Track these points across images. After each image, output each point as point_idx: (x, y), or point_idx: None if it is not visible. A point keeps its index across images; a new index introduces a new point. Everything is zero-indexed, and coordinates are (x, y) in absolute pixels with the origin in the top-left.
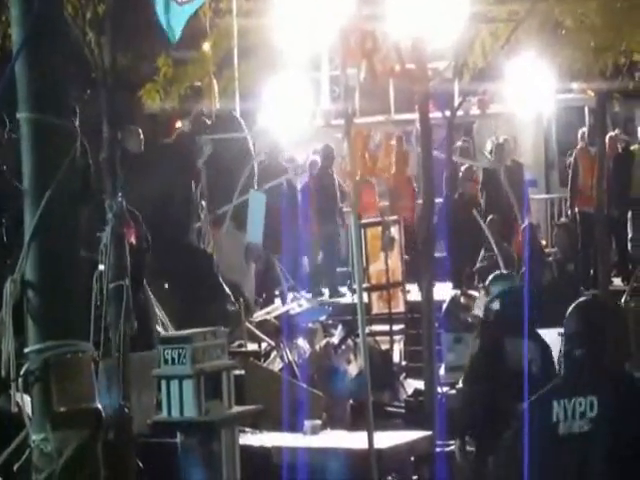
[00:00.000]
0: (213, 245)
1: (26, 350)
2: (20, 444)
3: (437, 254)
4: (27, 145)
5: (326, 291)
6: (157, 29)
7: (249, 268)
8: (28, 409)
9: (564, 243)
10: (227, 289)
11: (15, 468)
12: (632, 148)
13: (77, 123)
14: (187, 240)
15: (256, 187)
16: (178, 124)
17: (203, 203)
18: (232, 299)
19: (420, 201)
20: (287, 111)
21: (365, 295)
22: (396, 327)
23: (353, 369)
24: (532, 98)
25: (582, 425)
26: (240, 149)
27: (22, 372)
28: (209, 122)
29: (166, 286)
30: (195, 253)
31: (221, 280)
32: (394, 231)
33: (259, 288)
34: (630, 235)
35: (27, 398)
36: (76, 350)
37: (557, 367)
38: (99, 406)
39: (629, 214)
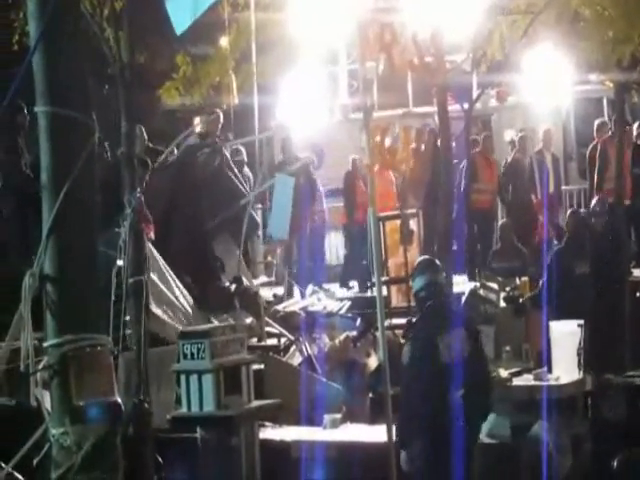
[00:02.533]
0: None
1: (45, 344)
2: (39, 439)
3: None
4: (45, 138)
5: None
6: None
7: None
8: (47, 403)
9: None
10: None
11: (35, 463)
12: None
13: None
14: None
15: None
16: (196, 120)
17: None
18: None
19: None
20: (305, 106)
21: (384, 288)
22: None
23: (372, 362)
24: (550, 90)
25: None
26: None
27: (41, 366)
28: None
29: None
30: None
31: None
32: (413, 224)
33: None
34: None
35: (46, 393)
36: (94, 344)
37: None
38: (118, 399)
39: None
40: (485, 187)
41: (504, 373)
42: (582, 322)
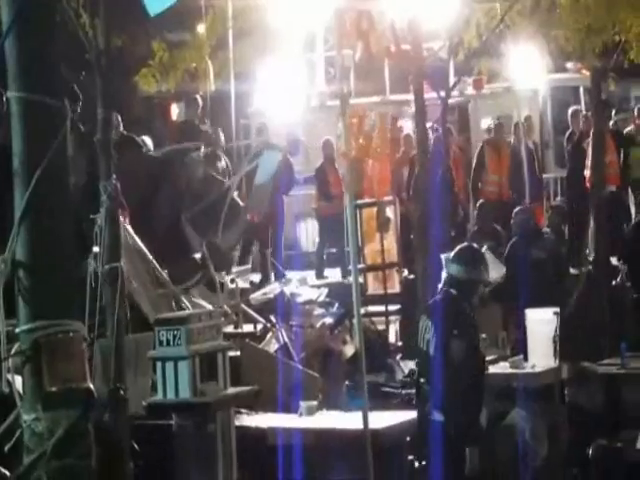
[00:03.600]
0: None
1: (17, 330)
2: (11, 424)
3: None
4: (17, 124)
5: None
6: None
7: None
8: (19, 389)
9: (556, 225)
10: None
11: (6, 449)
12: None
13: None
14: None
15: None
16: (174, 107)
17: None
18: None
19: None
20: (282, 93)
21: (361, 276)
22: (392, 307)
23: (349, 350)
24: (527, 78)
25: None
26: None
27: (13, 352)
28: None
29: None
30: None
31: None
32: (389, 211)
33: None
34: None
35: (18, 378)
36: (67, 330)
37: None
38: (90, 385)
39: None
40: (493, 178)
41: None
42: (558, 310)
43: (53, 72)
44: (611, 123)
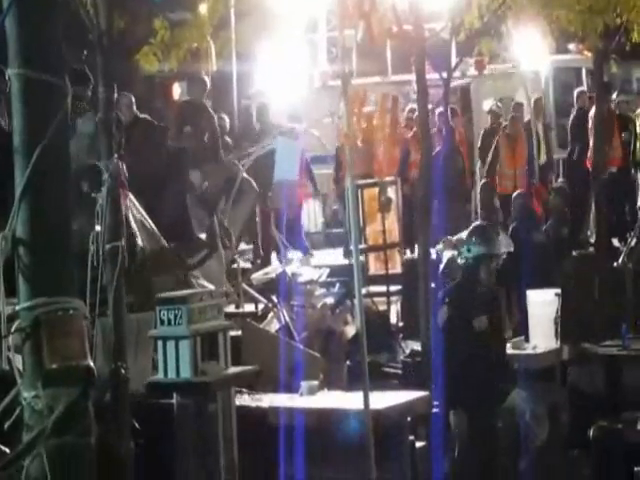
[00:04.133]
0: None
1: (17, 307)
2: (11, 402)
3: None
4: (17, 101)
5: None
6: None
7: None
8: (19, 367)
9: (558, 206)
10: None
11: (6, 426)
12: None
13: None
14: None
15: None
16: (176, 87)
17: None
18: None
19: None
20: (284, 73)
21: (362, 256)
22: (393, 288)
23: (350, 330)
24: (529, 59)
25: None
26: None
27: (13, 329)
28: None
29: None
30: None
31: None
32: (391, 192)
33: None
34: None
35: (18, 356)
36: (67, 307)
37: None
38: (91, 363)
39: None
40: (508, 173)
41: None
42: (559, 291)
43: (54, 50)
44: (613, 105)
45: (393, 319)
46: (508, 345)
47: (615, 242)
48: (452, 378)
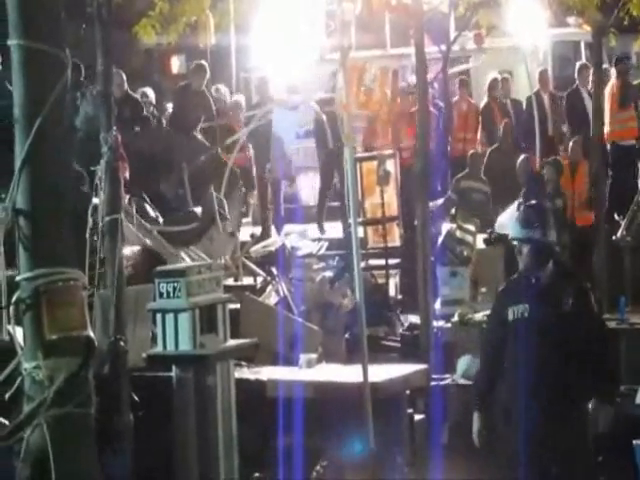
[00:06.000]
0: None
1: (17, 278)
2: (12, 373)
3: None
4: (17, 72)
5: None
6: None
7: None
8: (20, 338)
9: (554, 179)
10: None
11: (7, 397)
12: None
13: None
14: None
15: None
16: (174, 60)
17: None
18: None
19: None
20: (281, 46)
21: (361, 229)
22: (392, 261)
23: (349, 303)
24: (528, 32)
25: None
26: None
27: (13, 300)
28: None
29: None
30: None
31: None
32: (389, 165)
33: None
34: None
35: (19, 327)
36: (67, 278)
37: None
38: (91, 334)
39: None
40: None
41: (479, 315)
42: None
43: (55, 21)
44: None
45: (392, 292)
46: None
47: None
48: None
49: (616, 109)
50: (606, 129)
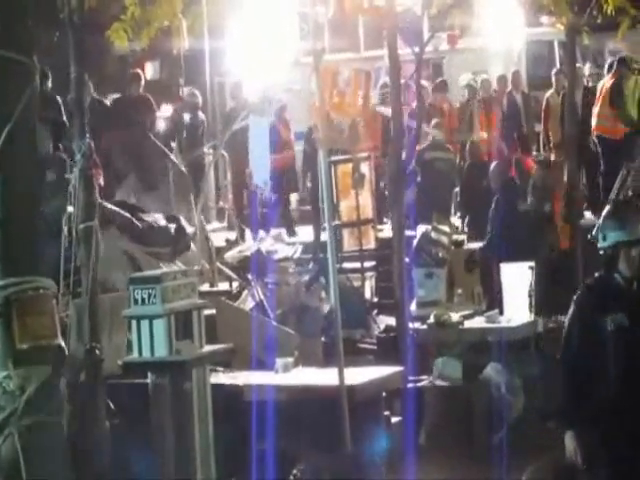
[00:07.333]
0: None
1: None
2: None
3: None
4: None
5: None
6: None
7: None
8: None
9: (541, 178)
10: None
11: None
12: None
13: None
14: None
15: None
16: (148, 66)
17: None
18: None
19: None
20: (254, 49)
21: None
22: (367, 264)
23: (325, 307)
24: (502, 33)
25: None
26: None
27: None
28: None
29: None
30: None
31: None
32: (364, 168)
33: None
34: None
35: None
36: (38, 287)
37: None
38: (61, 342)
39: None
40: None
41: (456, 316)
42: (533, 264)
43: (21, 28)
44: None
45: (367, 295)
46: (482, 319)
47: (588, 215)
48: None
49: (606, 106)
50: (594, 122)
